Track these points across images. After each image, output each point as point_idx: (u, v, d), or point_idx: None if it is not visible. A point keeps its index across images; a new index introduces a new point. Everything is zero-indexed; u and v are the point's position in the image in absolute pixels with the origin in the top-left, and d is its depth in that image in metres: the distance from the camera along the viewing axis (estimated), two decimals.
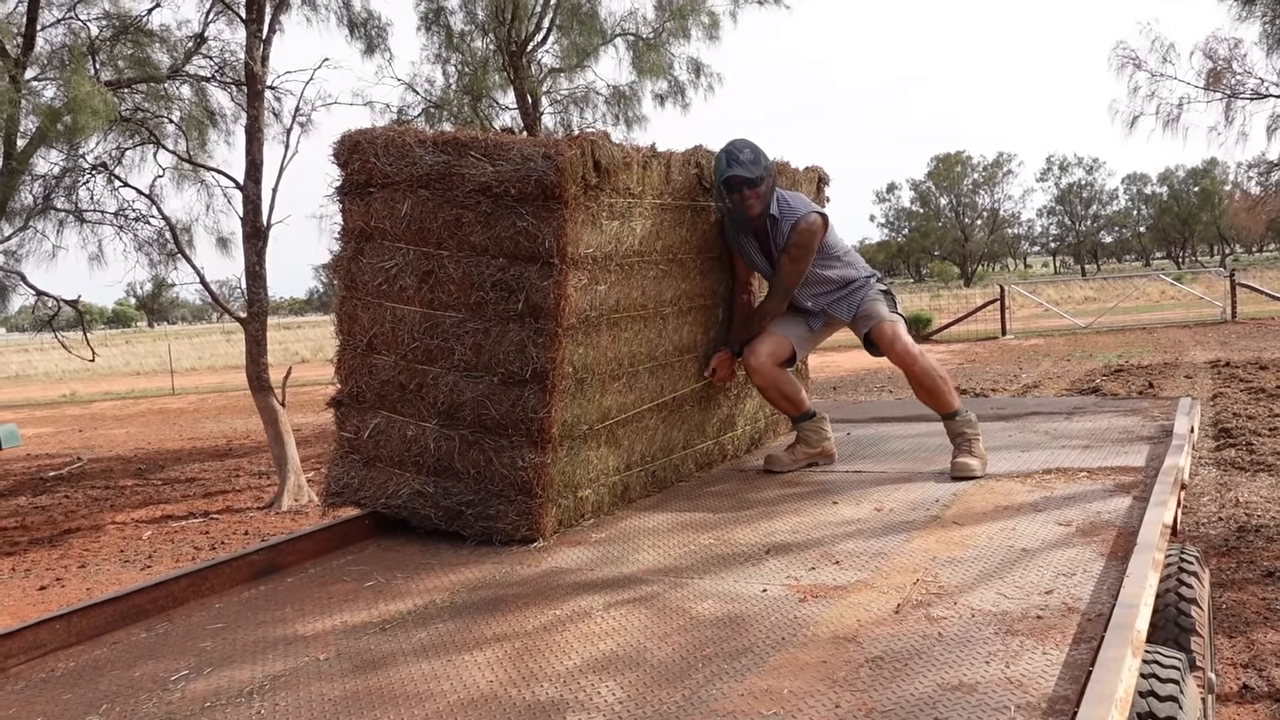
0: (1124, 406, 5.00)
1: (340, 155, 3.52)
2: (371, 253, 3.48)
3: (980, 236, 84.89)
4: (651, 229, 3.58)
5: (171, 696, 2.15)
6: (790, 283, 4.03)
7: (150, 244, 13.35)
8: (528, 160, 3.11)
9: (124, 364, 41.25)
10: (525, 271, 3.17)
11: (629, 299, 3.53)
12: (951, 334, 25.85)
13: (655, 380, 3.78)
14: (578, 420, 3.33)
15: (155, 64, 12.45)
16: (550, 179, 3.07)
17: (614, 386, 3.52)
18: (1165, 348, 18.59)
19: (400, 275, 3.40)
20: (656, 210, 3.60)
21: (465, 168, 3.22)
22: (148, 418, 20.97)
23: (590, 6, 15.70)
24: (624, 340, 3.54)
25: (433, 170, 3.28)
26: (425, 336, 3.36)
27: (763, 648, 2.15)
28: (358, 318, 3.54)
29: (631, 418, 3.67)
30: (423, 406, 3.39)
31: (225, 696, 2.12)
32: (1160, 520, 2.64)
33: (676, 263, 3.80)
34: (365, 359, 3.52)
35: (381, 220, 3.42)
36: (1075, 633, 2.08)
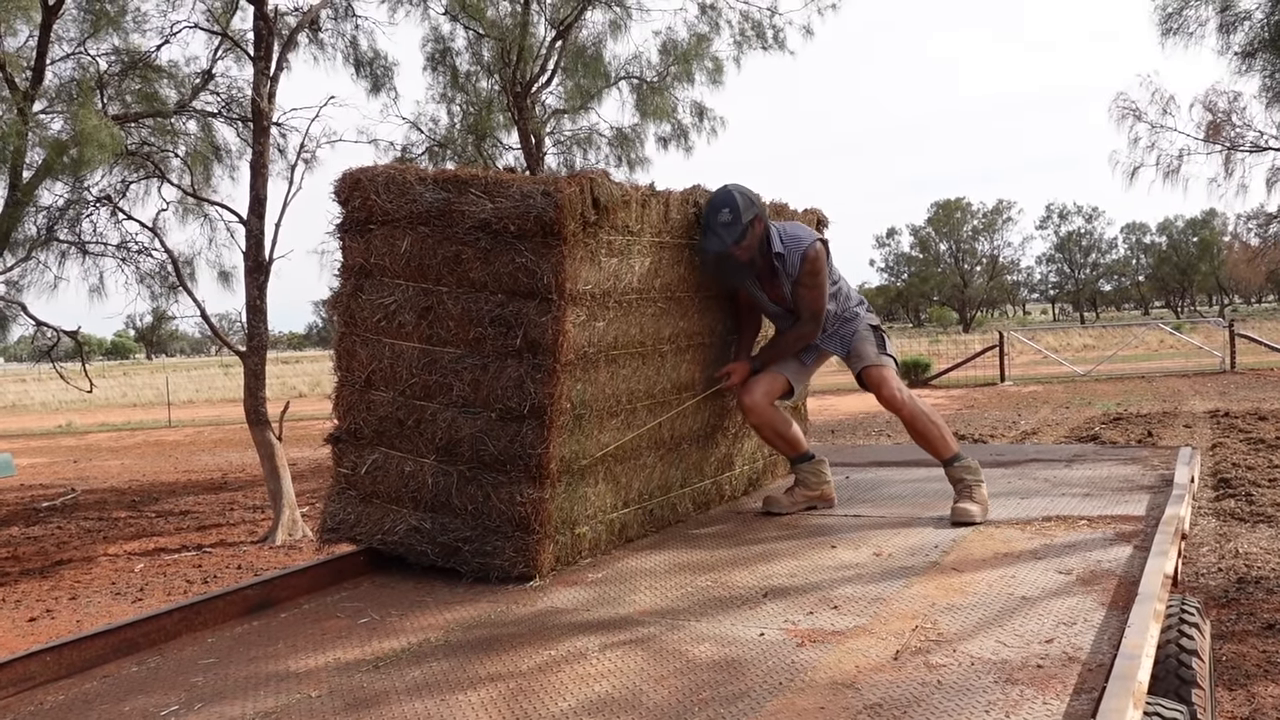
0: (1124, 455, 4.99)
1: (341, 193, 3.54)
2: (371, 289, 3.48)
3: (979, 282, 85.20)
4: (650, 266, 3.59)
5: None
6: (817, 308, 4.05)
7: (152, 276, 13.39)
8: (527, 197, 3.12)
9: (121, 395, 41.19)
10: (524, 307, 3.17)
11: (627, 336, 3.53)
12: (950, 379, 25.87)
13: (653, 418, 3.76)
14: (576, 456, 3.32)
15: (163, 99, 12.56)
16: (550, 216, 3.07)
17: (612, 423, 3.51)
18: (1164, 397, 18.59)
19: (399, 311, 3.40)
20: (655, 248, 3.60)
21: (465, 205, 3.23)
22: (143, 449, 20.91)
23: (595, 49, 15.87)
24: (622, 377, 3.53)
25: (432, 207, 3.29)
26: (423, 372, 3.35)
27: (760, 692, 2.13)
28: (356, 354, 3.53)
29: (630, 455, 3.65)
30: (420, 442, 3.38)
31: None
32: (1162, 570, 2.62)
33: (675, 300, 3.80)
34: (363, 395, 3.51)
35: (381, 257, 3.43)
36: (1076, 683, 2.06)
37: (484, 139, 16.41)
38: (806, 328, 4.09)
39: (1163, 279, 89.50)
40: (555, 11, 15.41)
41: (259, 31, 11.04)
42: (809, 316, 4.07)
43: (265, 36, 10.97)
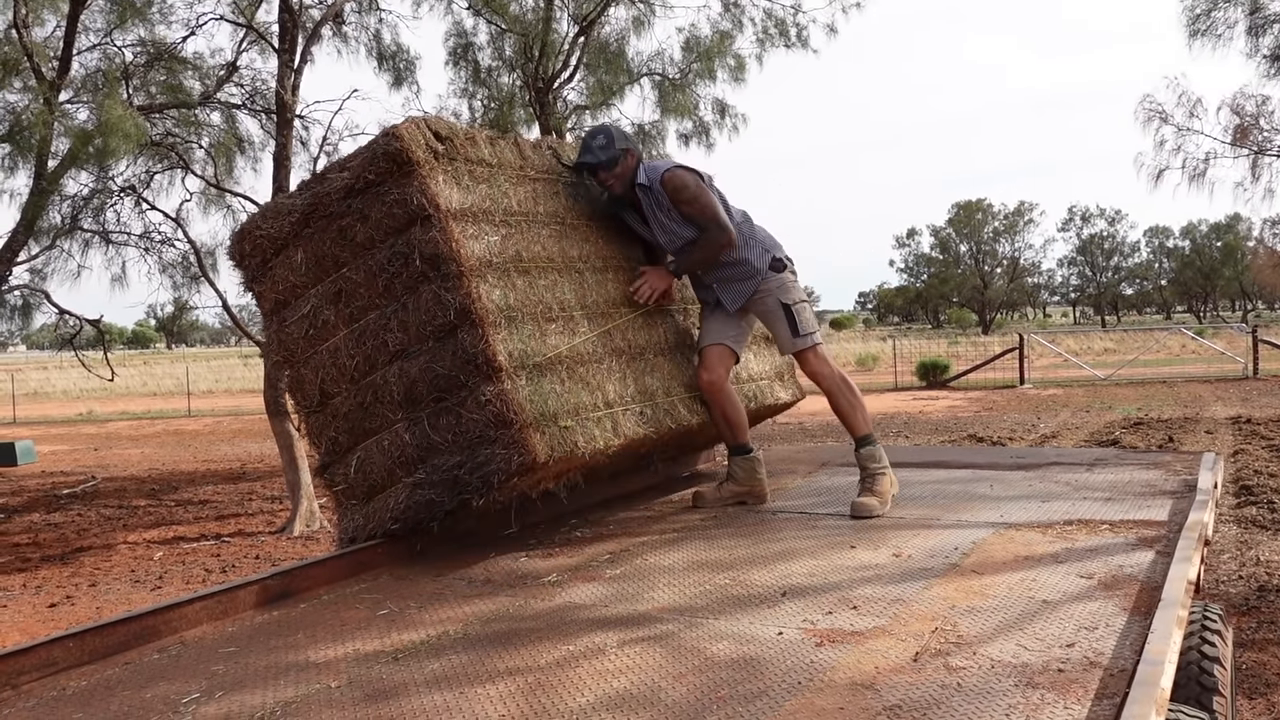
0: (1146, 459, 4.95)
1: (236, 254, 3.75)
2: (289, 312, 3.66)
3: (999, 284, 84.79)
4: (528, 195, 3.79)
5: (182, 719, 2.13)
6: (709, 216, 4.04)
7: (174, 267, 13.49)
8: (373, 147, 3.38)
9: (141, 384, 41.50)
10: (411, 235, 3.36)
11: (530, 252, 3.68)
12: (968, 381, 25.76)
13: (596, 326, 3.86)
14: (524, 353, 3.41)
15: (187, 90, 12.63)
16: (396, 148, 3.33)
17: (551, 328, 3.62)
18: (1185, 402, 18.46)
19: (318, 312, 3.57)
20: (524, 179, 3.81)
21: (329, 186, 3.46)
22: (163, 438, 21.06)
23: (618, 46, 15.87)
24: (542, 287, 3.66)
25: (306, 207, 3.50)
26: (359, 348, 3.49)
27: (778, 692, 2.12)
28: (304, 379, 3.68)
29: (590, 359, 3.74)
30: (385, 411, 3.48)
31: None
32: (1185, 576, 2.60)
33: (570, 226, 3.97)
34: (325, 410, 3.64)
35: (287, 280, 3.63)
36: (1098, 688, 2.05)
37: (505, 133, 16.43)
38: (714, 235, 4.05)
39: (1185, 283, 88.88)
40: (578, 7, 15.41)
41: (283, 24, 11.09)
42: (711, 226, 4.04)
43: (290, 29, 11.02)
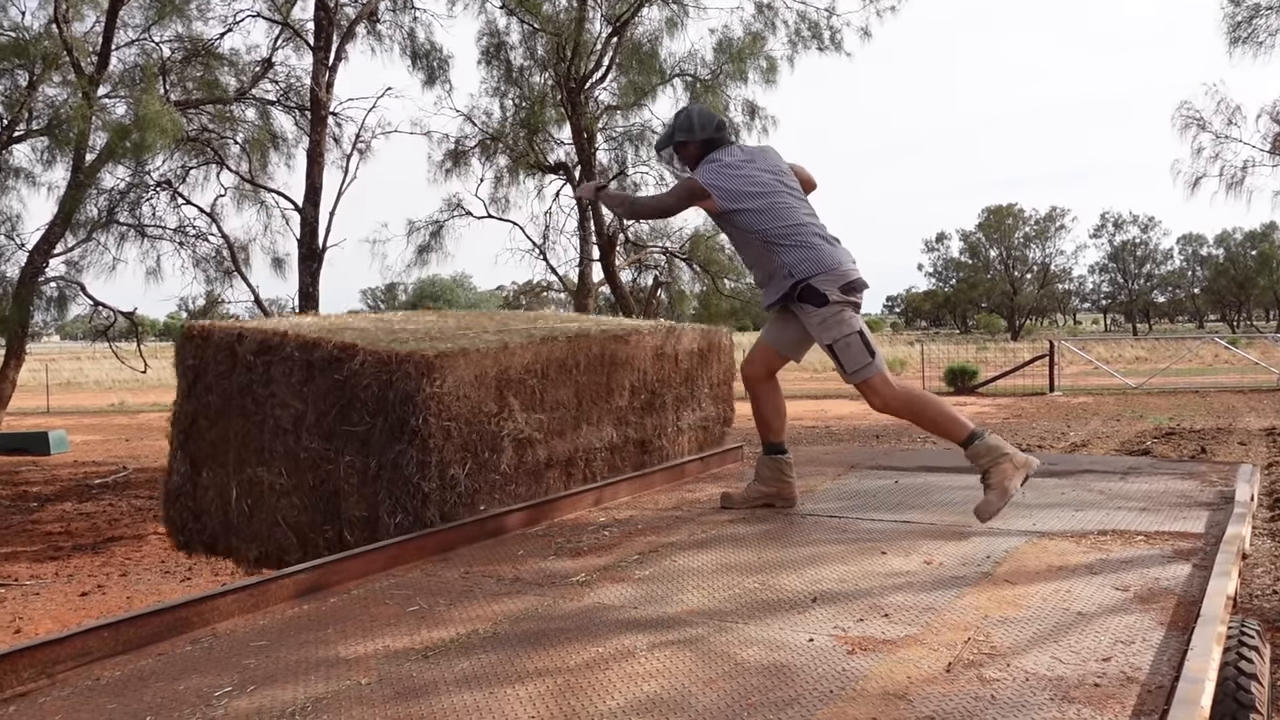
0: (1181, 469, 4.89)
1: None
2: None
3: (1029, 290, 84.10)
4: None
5: (215, 712, 2.14)
6: (649, 198, 4.50)
7: (207, 261, 13.62)
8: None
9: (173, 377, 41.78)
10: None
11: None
12: (997, 388, 25.55)
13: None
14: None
15: (223, 86, 12.76)
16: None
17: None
18: (1218, 412, 18.23)
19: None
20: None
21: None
22: None
23: (651, 47, 15.87)
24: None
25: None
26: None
27: (810, 700, 2.11)
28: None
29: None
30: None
31: (268, 715, 2.11)
32: (1224, 591, 2.57)
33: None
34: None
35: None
36: (1135, 704, 2.02)
37: (536, 133, 16.48)
38: (661, 199, 4.38)
39: (1219, 292, 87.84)
40: (611, 7, 15.42)
41: (319, 21, 11.17)
42: (663, 195, 4.36)
43: (325, 27, 11.10)
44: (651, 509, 4.25)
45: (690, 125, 4.28)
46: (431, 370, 3.64)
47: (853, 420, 18.67)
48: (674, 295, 19.01)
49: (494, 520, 3.81)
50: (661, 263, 18.54)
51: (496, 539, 3.73)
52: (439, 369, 3.66)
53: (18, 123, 11.35)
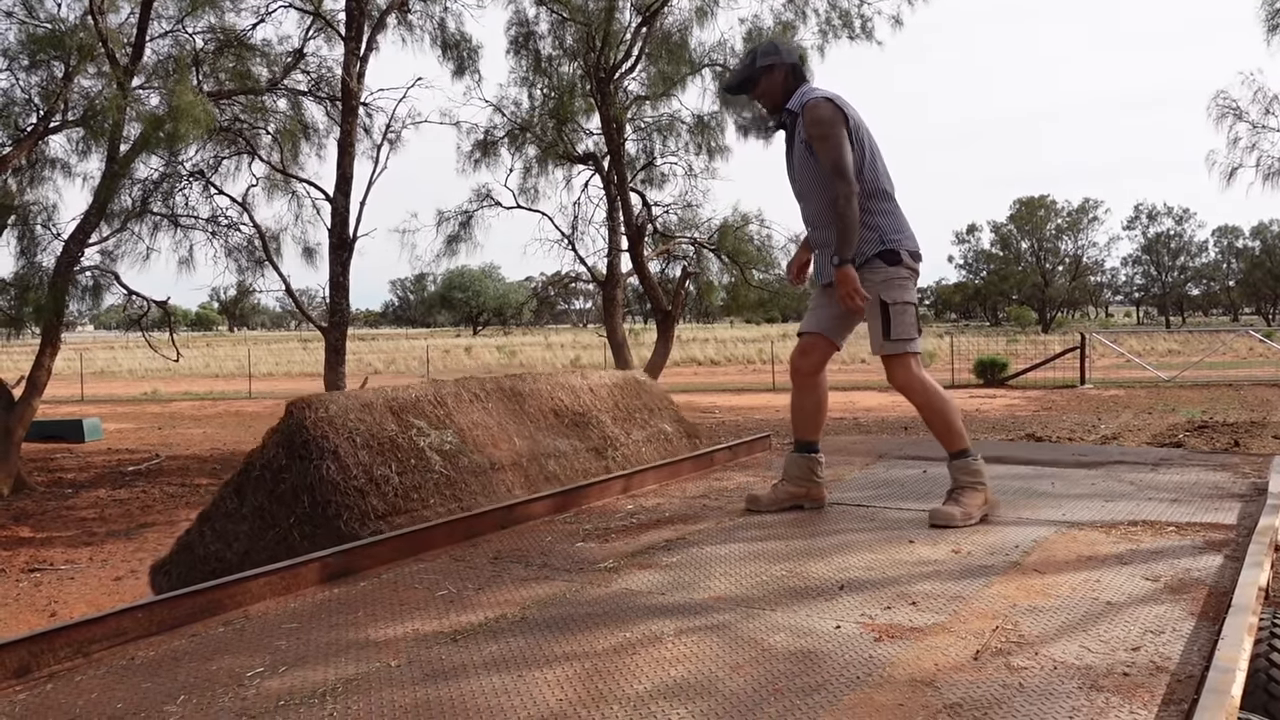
0: (1213, 461, 4.84)
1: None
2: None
3: (1061, 283, 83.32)
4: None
5: (247, 693, 2.18)
6: (833, 159, 3.68)
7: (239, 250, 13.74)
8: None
9: (204, 366, 42.29)
10: None
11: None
12: (1028, 380, 25.36)
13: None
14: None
15: (255, 77, 12.85)
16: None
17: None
18: (1252, 406, 18.01)
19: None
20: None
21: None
22: (224, 419, 21.46)
23: (680, 36, 15.84)
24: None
25: None
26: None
27: (836, 686, 2.11)
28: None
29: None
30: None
31: (299, 696, 2.14)
32: (1256, 582, 2.55)
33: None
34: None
35: None
36: (1165, 693, 2.01)
37: (565, 123, 16.49)
38: (839, 188, 3.69)
39: (1254, 284, 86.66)
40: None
41: (350, 12, 11.22)
42: (831, 173, 3.70)
43: (356, 17, 11.15)
44: (679, 497, 4.26)
45: (775, 49, 3.90)
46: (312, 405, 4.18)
47: (880, 412, 18.59)
48: (702, 286, 18.99)
49: (522, 507, 3.84)
50: (690, 253, 18.51)
51: (525, 525, 3.76)
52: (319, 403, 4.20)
53: (54, 114, 11.49)
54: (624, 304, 18.01)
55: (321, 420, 4.08)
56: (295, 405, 4.19)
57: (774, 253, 18.34)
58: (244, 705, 2.11)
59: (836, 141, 3.70)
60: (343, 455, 3.99)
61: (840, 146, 3.70)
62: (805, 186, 3.89)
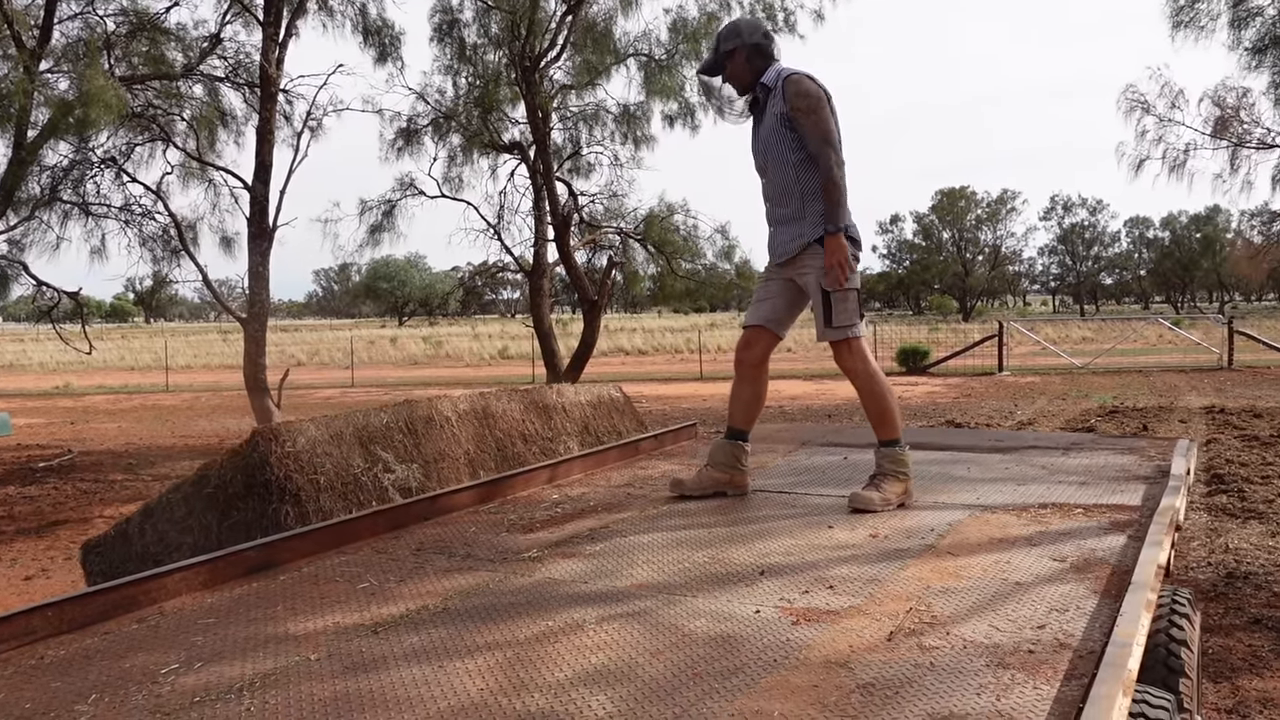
0: (1121, 445, 5.01)
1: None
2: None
3: (981, 272, 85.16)
4: None
5: (161, 689, 2.14)
6: (821, 132, 3.77)
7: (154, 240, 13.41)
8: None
9: (119, 358, 41.20)
10: None
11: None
12: (948, 368, 25.90)
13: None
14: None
15: (169, 62, 12.52)
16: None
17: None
18: (1161, 391, 18.63)
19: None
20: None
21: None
22: (140, 413, 20.93)
23: (605, 25, 15.81)
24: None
25: None
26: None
27: (754, 669, 2.15)
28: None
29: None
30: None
31: (215, 692, 2.12)
32: (1155, 560, 2.64)
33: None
34: None
35: None
36: (1067, 668, 2.08)
37: (490, 112, 16.36)
38: (826, 156, 3.79)
39: (1164, 274, 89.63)
40: None
41: None
42: (821, 145, 3.79)
43: (275, 2, 10.92)
44: (604, 486, 4.28)
45: (736, 32, 3.97)
46: (280, 439, 4.10)
47: (805, 400, 18.84)
48: (629, 276, 19.02)
49: (446, 498, 3.82)
50: (616, 243, 18.52)
51: (449, 516, 3.74)
52: (288, 436, 4.12)
53: None
54: (551, 294, 17.95)
55: (287, 458, 3.97)
56: (262, 436, 4.06)
57: (699, 243, 18.43)
58: (158, 703, 2.08)
59: (825, 114, 3.81)
60: (304, 500, 3.92)
61: (828, 119, 3.82)
62: (774, 159, 3.94)
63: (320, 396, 23.73)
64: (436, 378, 29.90)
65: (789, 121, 3.84)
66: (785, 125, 3.86)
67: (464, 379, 28.19)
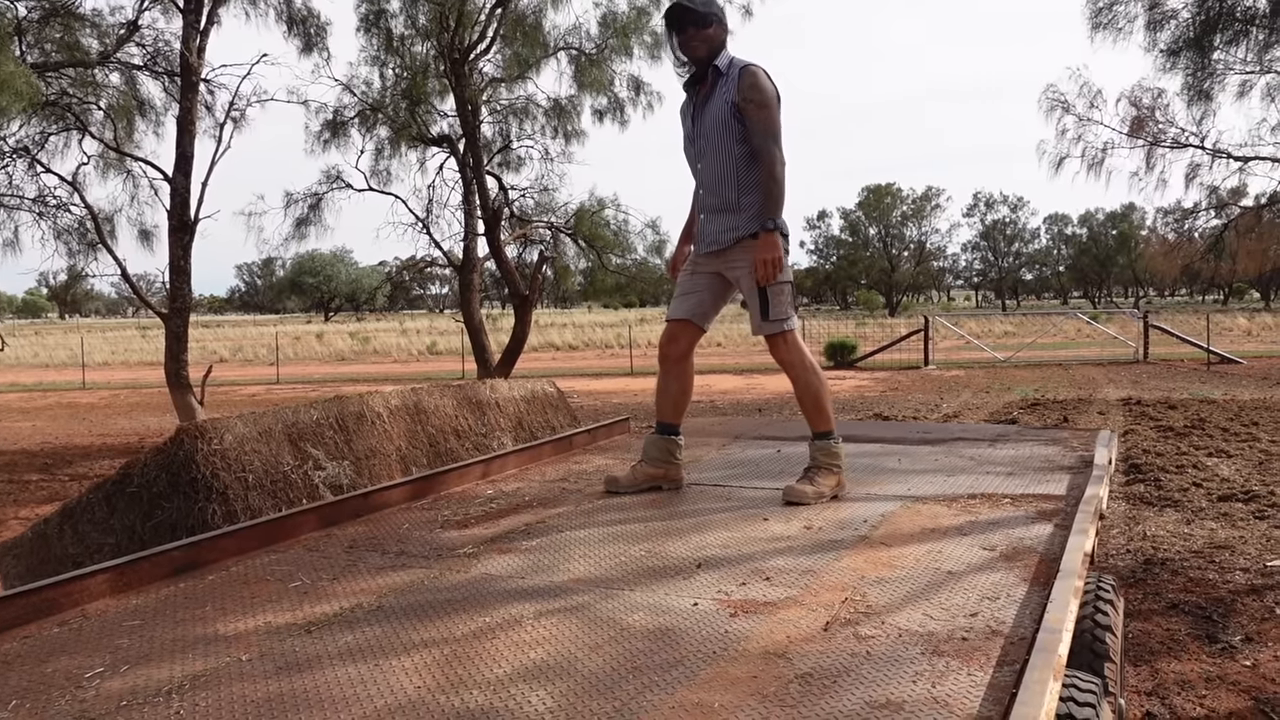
0: (1045, 436, 5.13)
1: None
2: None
3: (906, 268, 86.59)
4: None
5: (86, 694, 2.08)
6: (770, 130, 3.79)
7: (70, 233, 13.03)
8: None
9: (33, 355, 39.93)
10: None
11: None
12: (875, 362, 26.29)
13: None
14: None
15: (85, 49, 12.15)
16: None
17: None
18: (1080, 384, 19.12)
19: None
20: None
21: None
22: (55, 411, 20.30)
23: (535, 18, 15.73)
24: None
25: None
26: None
27: (693, 661, 2.16)
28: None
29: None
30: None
31: (142, 695, 2.06)
32: (1081, 548, 2.71)
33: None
34: None
35: None
36: (999, 655, 2.12)
37: (418, 105, 16.17)
38: (775, 155, 3.81)
39: (1082, 270, 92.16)
40: None
41: None
42: (769, 142, 3.80)
43: None
44: (539, 480, 4.26)
45: (716, 4, 3.90)
46: (206, 436, 4.01)
47: (736, 394, 18.97)
48: (559, 270, 18.96)
49: (379, 494, 3.77)
50: (547, 238, 18.45)
51: (381, 513, 3.69)
52: (214, 433, 4.04)
53: None
54: (481, 289, 17.80)
55: (214, 455, 3.87)
56: (188, 433, 3.95)
57: (630, 238, 18.44)
58: (82, 708, 2.01)
59: (776, 112, 3.84)
60: (231, 499, 3.82)
61: (778, 117, 3.85)
62: (716, 147, 3.91)
63: (245, 394, 23.27)
64: (365, 374, 29.51)
65: (739, 113, 3.84)
66: (734, 116, 3.84)
67: (393, 375, 27.86)
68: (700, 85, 3.95)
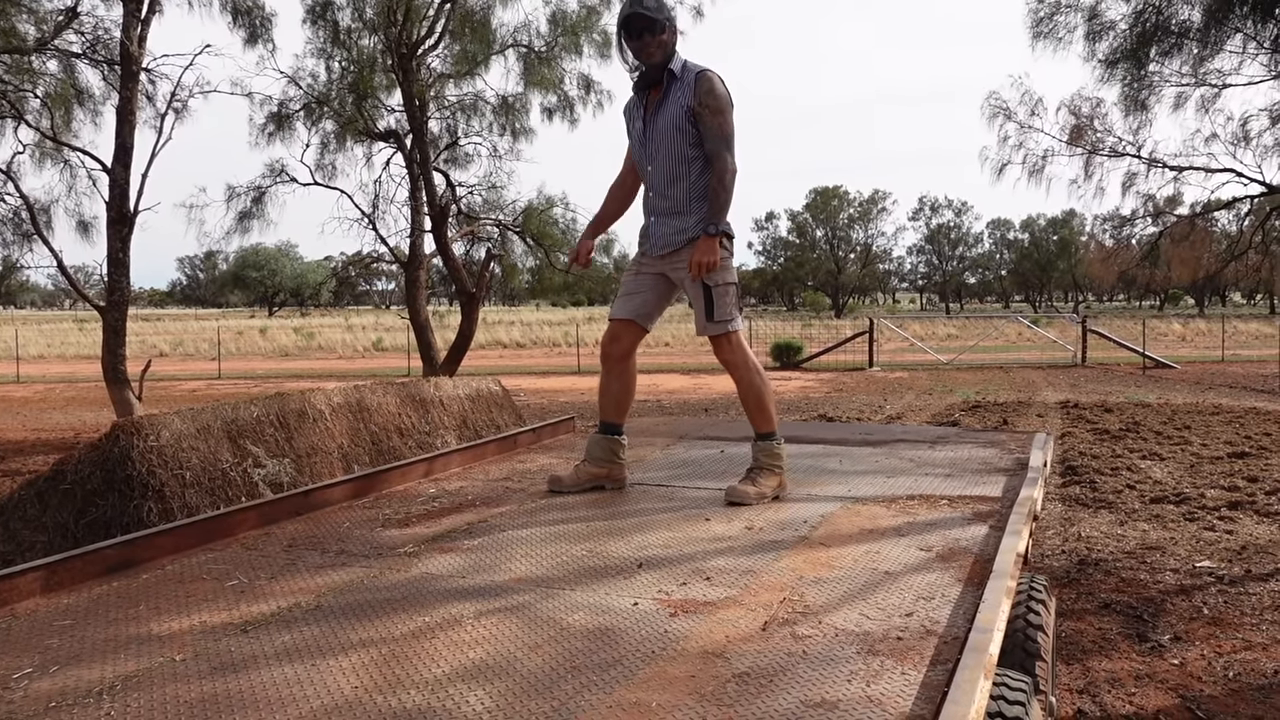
0: (983, 439, 5.22)
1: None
2: None
3: (853, 270, 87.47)
4: None
5: (14, 695, 2.04)
6: (724, 136, 3.83)
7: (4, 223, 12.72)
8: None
9: None
10: None
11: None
12: (820, 363, 26.53)
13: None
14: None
15: (21, 35, 11.86)
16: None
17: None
18: (1020, 387, 19.46)
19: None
20: None
21: None
22: None
23: (484, 14, 15.63)
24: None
25: None
26: None
27: (632, 661, 2.17)
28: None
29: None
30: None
31: (72, 696, 2.02)
32: (1015, 549, 2.76)
33: None
34: None
35: None
36: (933, 654, 2.16)
37: (365, 99, 16.00)
38: (725, 160, 3.84)
39: (1023, 274, 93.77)
40: None
41: None
42: (722, 149, 3.84)
43: None
44: (482, 479, 4.25)
45: (668, 8, 3.89)
46: (142, 432, 3.98)
47: (682, 394, 19.03)
48: (507, 268, 18.88)
49: (319, 493, 3.74)
50: (495, 235, 18.35)
51: (321, 511, 3.66)
52: (150, 430, 4.01)
53: None
54: (428, 285, 17.66)
55: (150, 452, 3.81)
56: (124, 429, 3.88)
57: (579, 236, 18.41)
58: (10, 709, 1.97)
59: (731, 118, 3.88)
60: (168, 496, 3.76)
61: (732, 124, 3.88)
62: (668, 150, 3.91)
63: (185, 389, 22.87)
64: (308, 370, 29.15)
65: (693, 117, 3.86)
66: (689, 120, 3.86)
67: (337, 371, 27.55)
68: (653, 89, 3.97)
